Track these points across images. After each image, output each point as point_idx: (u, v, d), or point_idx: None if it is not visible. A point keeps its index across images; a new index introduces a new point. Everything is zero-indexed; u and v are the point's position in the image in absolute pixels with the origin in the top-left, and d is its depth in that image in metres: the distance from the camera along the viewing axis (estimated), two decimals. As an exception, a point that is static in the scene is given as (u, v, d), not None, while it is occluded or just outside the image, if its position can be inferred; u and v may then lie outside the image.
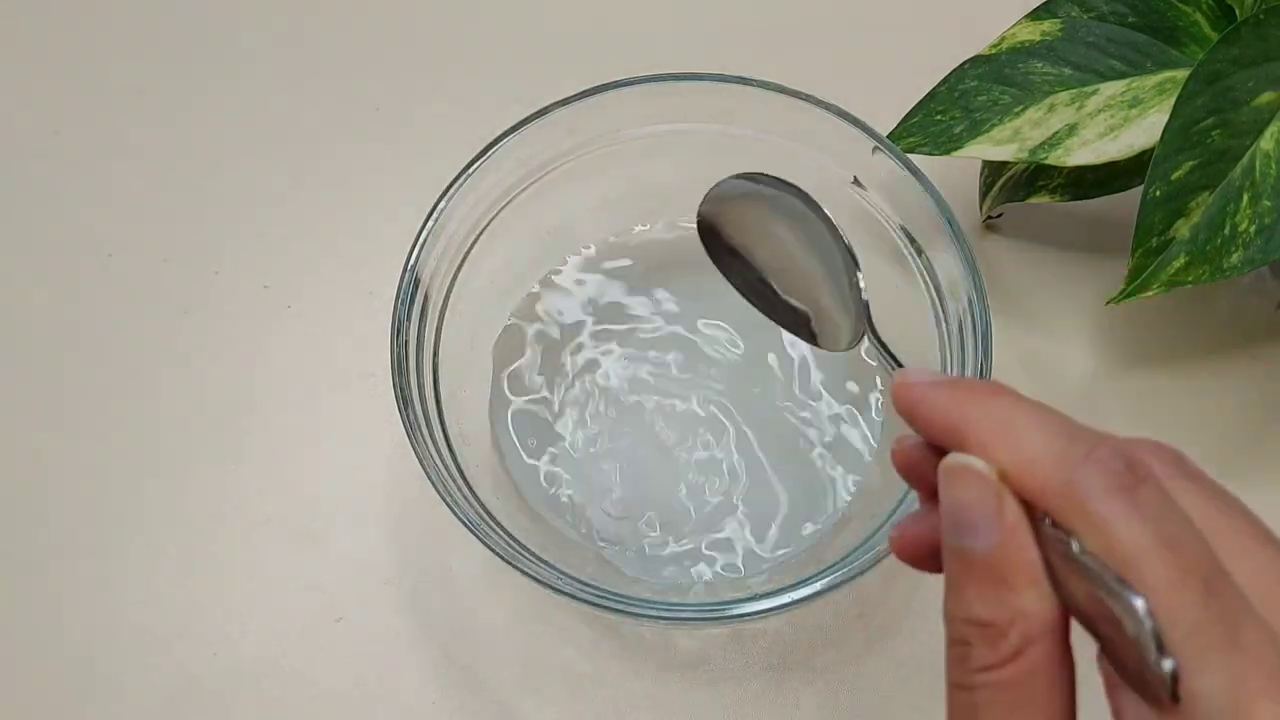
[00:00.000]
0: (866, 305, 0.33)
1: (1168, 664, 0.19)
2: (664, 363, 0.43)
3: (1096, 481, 0.21)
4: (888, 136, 0.41)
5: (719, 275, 0.36)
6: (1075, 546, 0.20)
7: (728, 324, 0.44)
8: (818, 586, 0.35)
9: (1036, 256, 0.48)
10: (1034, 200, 0.45)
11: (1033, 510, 0.22)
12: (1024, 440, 0.22)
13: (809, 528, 0.41)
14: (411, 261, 0.39)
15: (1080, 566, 0.20)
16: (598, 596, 0.35)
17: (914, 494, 0.31)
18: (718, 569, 0.40)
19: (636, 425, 0.43)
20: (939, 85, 0.42)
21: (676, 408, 0.43)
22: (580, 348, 0.44)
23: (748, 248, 0.36)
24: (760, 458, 0.42)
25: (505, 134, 0.40)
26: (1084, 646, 0.22)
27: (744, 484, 0.42)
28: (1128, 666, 0.20)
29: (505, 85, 0.52)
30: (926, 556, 0.26)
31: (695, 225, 0.37)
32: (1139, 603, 0.19)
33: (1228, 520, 0.21)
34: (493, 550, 0.35)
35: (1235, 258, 0.38)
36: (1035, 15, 0.42)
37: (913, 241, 0.40)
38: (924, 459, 0.25)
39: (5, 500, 0.45)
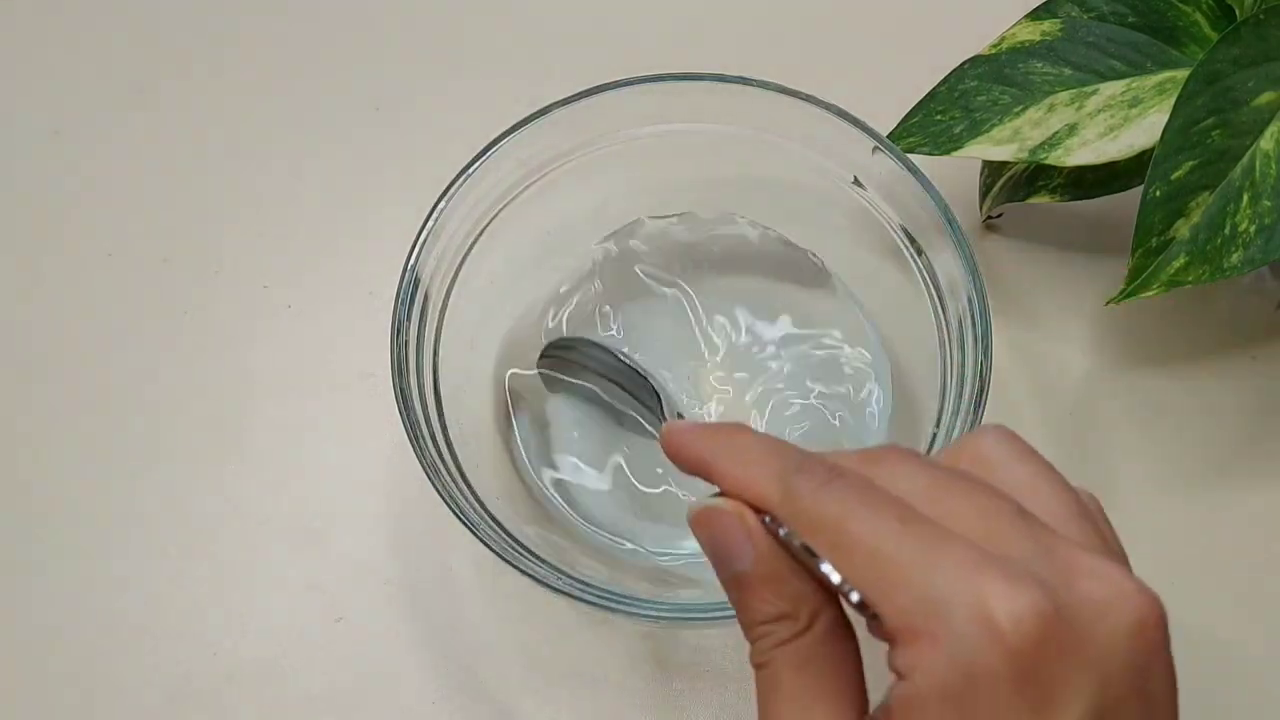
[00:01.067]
0: None
1: (855, 595, 0.24)
2: (666, 361, 0.43)
3: (805, 485, 0.25)
4: (888, 136, 0.41)
5: (718, 276, 0.36)
6: (783, 531, 0.25)
7: (726, 318, 0.44)
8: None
9: (1036, 256, 0.48)
10: (1034, 200, 0.45)
11: (760, 515, 0.26)
12: (753, 463, 0.26)
13: None
14: (411, 261, 0.39)
15: (791, 546, 0.25)
16: (598, 596, 0.35)
17: None
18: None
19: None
20: (939, 85, 0.42)
21: (681, 402, 0.43)
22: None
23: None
24: None
25: (505, 134, 0.40)
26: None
27: None
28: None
29: (505, 85, 0.52)
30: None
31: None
32: (824, 565, 0.24)
33: (940, 480, 0.25)
34: (493, 550, 0.35)
35: (1235, 258, 0.38)
36: (1035, 15, 0.42)
37: (913, 241, 0.40)
38: None
39: (5, 500, 0.45)
